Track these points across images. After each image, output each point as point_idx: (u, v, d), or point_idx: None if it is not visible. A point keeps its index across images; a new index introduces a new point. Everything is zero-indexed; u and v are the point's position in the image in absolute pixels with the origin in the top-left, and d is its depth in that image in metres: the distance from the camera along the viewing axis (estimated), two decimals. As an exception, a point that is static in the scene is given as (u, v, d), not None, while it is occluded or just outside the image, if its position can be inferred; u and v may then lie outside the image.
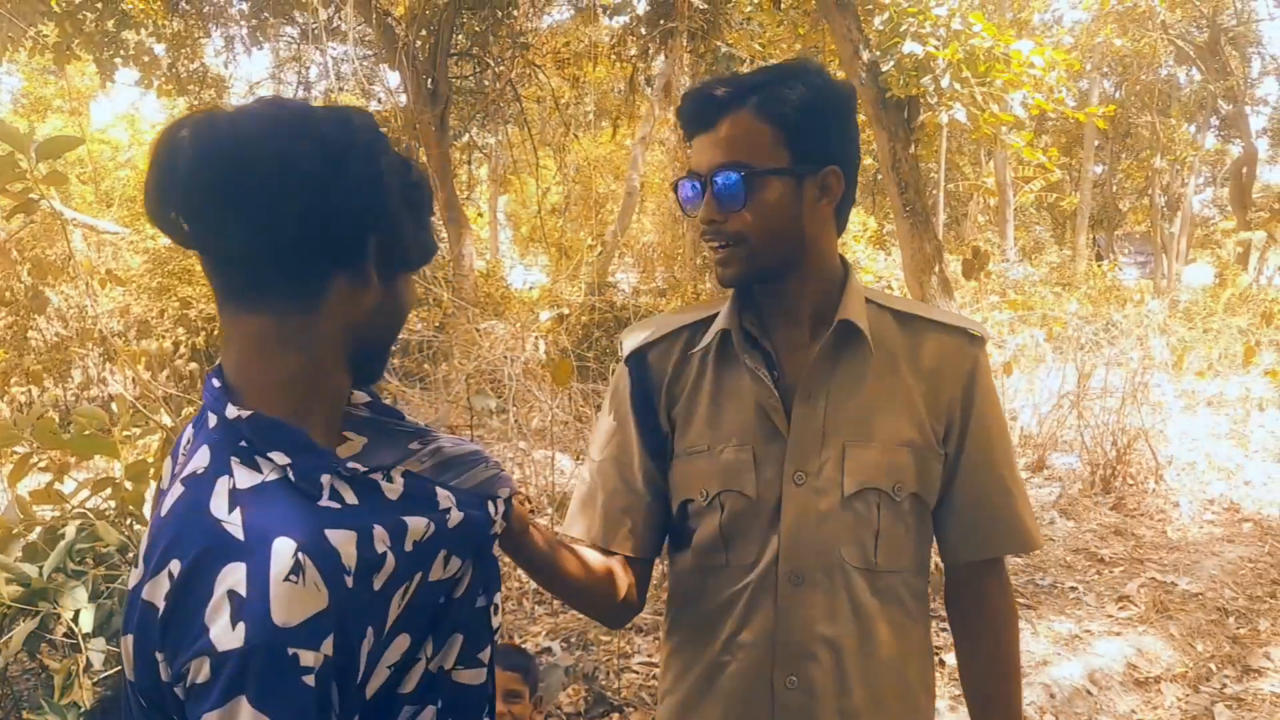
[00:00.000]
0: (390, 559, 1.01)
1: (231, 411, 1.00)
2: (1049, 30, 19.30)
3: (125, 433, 2.71)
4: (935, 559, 1.63)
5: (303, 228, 0.98)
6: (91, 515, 2.81)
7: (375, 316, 1.07)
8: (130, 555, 2.85)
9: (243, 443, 0.99)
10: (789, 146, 1.38)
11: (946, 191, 19.01)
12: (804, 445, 1.43)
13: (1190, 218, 28.48)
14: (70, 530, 2.73)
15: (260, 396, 1.02)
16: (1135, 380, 7.80)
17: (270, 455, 0.99)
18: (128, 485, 2.93)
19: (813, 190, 1.41)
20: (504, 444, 5.85)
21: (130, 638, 0.98)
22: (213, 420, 1.02)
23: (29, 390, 8.38)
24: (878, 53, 7.30)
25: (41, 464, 3.18)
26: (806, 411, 1.44)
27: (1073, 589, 5.27)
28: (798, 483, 1.43)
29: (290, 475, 0.98)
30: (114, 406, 3.12)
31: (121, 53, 11.54)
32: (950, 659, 3.88)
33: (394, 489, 1.07)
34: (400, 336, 1.19)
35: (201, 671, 0.89)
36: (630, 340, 1.58)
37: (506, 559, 1.37)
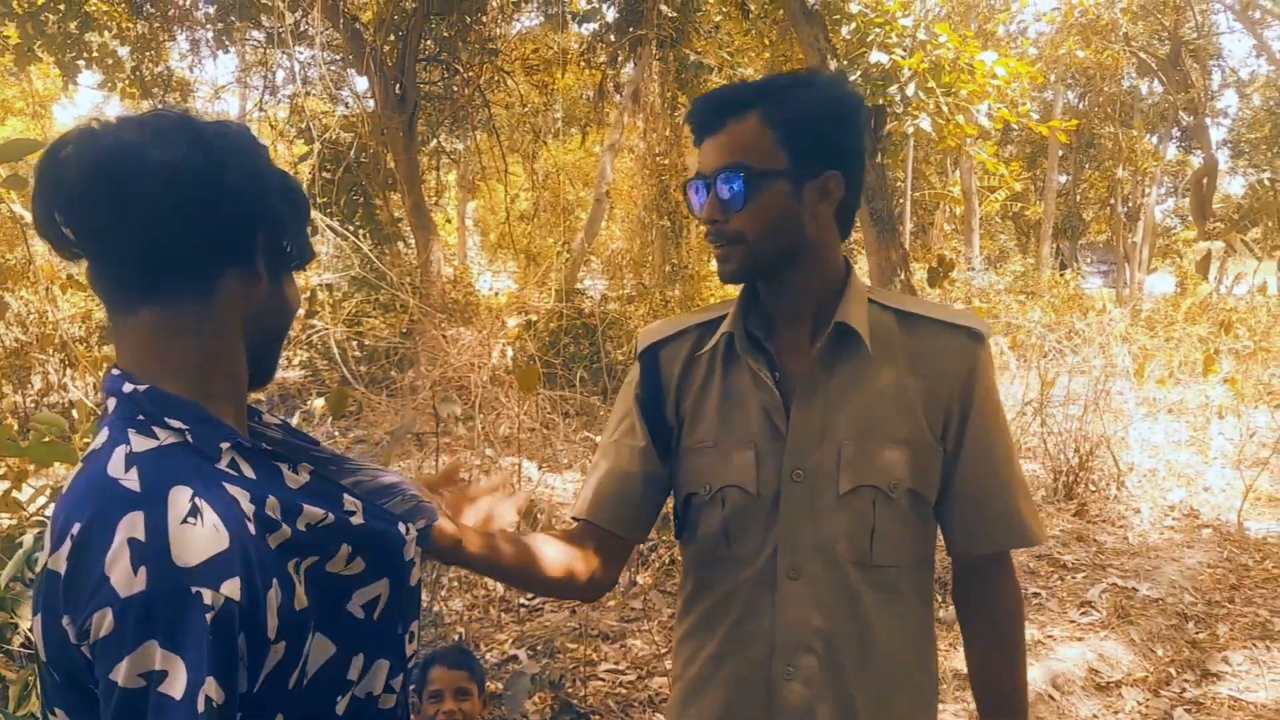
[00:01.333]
0: (285, 527, 1.03)
1: (128, 387, 1.03)
2: (1014, 42, 19.51)
3: (86, 439, 2.67)
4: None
5: (192, 225, 1.02)
6: (50, 523, 2.77)
7: (267, 311, 1.12)
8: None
9: (140, 416, 1.02)
10: (789, 150, 1.43)
11: (913, 200, 19.17)
12: (802, 444, 1.48)
13: (1152, 227, 28.89)
14: (28, 539, 2.69)
15: (158, 380, 1.05)
16: (1097, 388, 7.90)
17: (167, 422, 1.02)
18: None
19: (813, 193, 1.46)
20: (470, 451, 5.83)
21: (39, 617, 0.98)
22: (111, 404, 1.05)
23: (-13, 396, 8.24)
24: (845, 62, 7.36)
25: (-1, 471, 3.14)
26: (805, 411, 1.49)
27: (1035, 595, 5.33)
28: (796, 480, 1.48)
29: (188, 439, 1.01)
30: (74, 413, 3.09)
31: (85, 55, 11.41)
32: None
33: (296, 479, 1.10)
34: (367, 343, 1.24)
35: (105, 623, 0.90)
36: (645, 338, 1.65)
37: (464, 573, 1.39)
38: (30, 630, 1.05)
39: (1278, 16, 23.73)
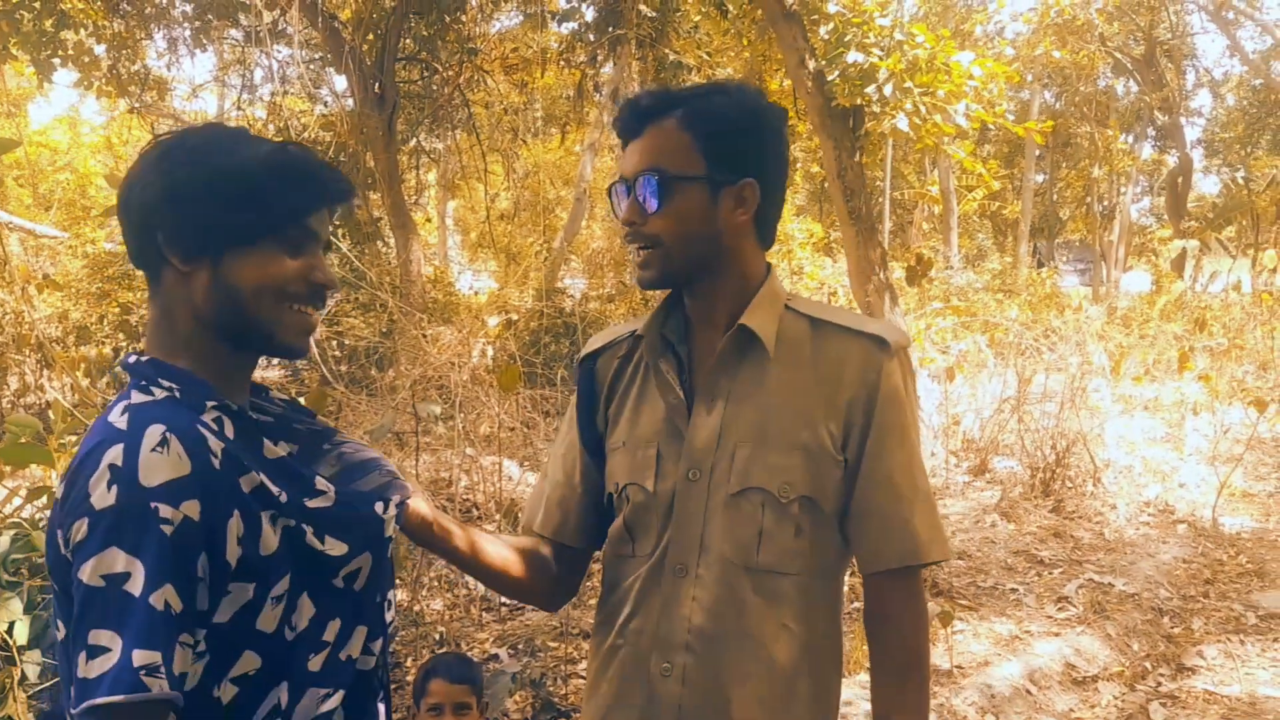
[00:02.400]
0: (254, 473, 1.18)
1: (133, 359, 1.22)
2: (991, 42, 19.62)
3: (61, 441, 2.66)
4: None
5: (129, 239, 1.24)
6: (26, 525, 2.76)
7: (213, 295, 1.21)
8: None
9: (142, 380, 1.20)
10: (706, 156, 1.46)
11: (892, 199, 19.26)
12: (700, 445, 1.49)
13: (1128, 226, 29.11)
14: (4, 540, 2.68)
15: (157, 354, 1.24)
16: (1074, 385, 7.96)
17: (160, 382, 1.19)
18: (64, 494, 2.87)
19: (729, 200, 1.48)
20: (451, 450, 5.82)
21: (47, 537, 1.15)
22: (125, 376, 1.23)
23: (-38, 398, 8.16)
24: (823, 62, 7.38)
25: (-26, 473, 3.11)
26: (704, 413, 1.50)
27: (1013, 590, 5.37)
28: (692, 479, 1.49)
29: (176, 395, 1.19)
30: (50, 414, 3.06)
31: (60, 53, 11.29)
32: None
33: (274, 451, 1.23)
34: (346, 342, 1.31)
35: (80, 530, 1.07)
36: (587, 347, 1.68)
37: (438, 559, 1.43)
38: (8, 634, 1.18)
39: (1250, 17, 23.94)
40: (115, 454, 1.09)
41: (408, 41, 12.63)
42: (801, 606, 1.49)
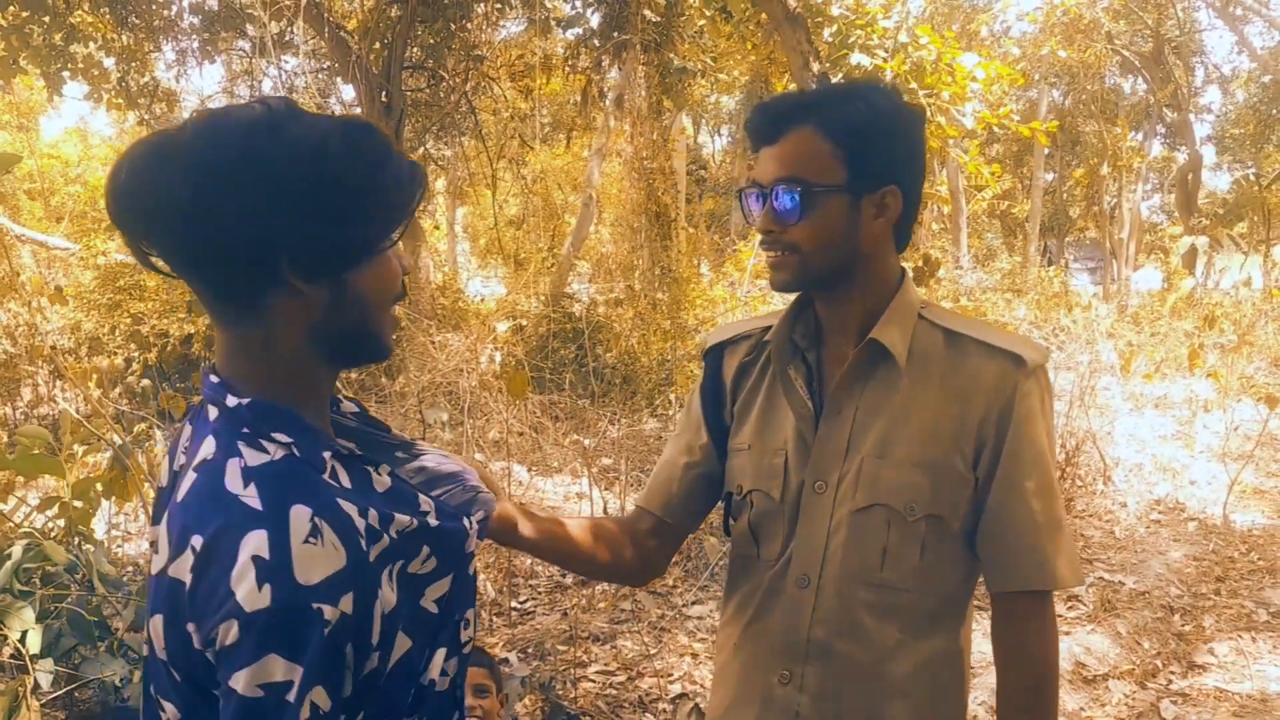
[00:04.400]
0: (385, 538, 1.09)
1: (231, 401, 1.08)
2: (998, 42, 19.61)
3: (70, 452, 2.69)
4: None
5: (212, 264, 1.05)
6: (38, 535, 2.79)
7: (335, 316, 1.10)
8: (79, 575, 2.83)
9: (245, 429, 1.07)
10: (847, 165, 1.42)
11: (900, 200, 19.17)
12: (827, 457, 1.49)
13: (1138, 223, 29.01)
14: (16, 550, 2.71)
15: (251, 390, 1.09)
16: (1084, 384, 7.94)
17: (274, 436, 1.06)
18: (76, 504, 2.91)
19: (870, 208, 1.45)
20: (459, 456, 5.84)
21: (159, 617, 1.04)
22: (213, 412, 1.10)
23: (-24, 410, 8.23)
24: (827, 65, 7.40)
25: (-13, 484, 3.15)
26: (832, 425, 1.50)
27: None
28: (818, 491, 1.49)
29: (295, 452, 1.06)
30: (61, 424, 3.10)
31: (70, 66, 11.39)
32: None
33: (382, 482, 1.15)
34: None
35: (230, 633, 0.96)
36: (711, 338, 1.70)
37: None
38: (20, 643, 1.10)
39: (1258, 13, 23.87)
40: (258, 544, 0.97)
41: (414, 50, 12.70)
42: (923, 623, 1.48)
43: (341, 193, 1.06)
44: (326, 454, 1.09)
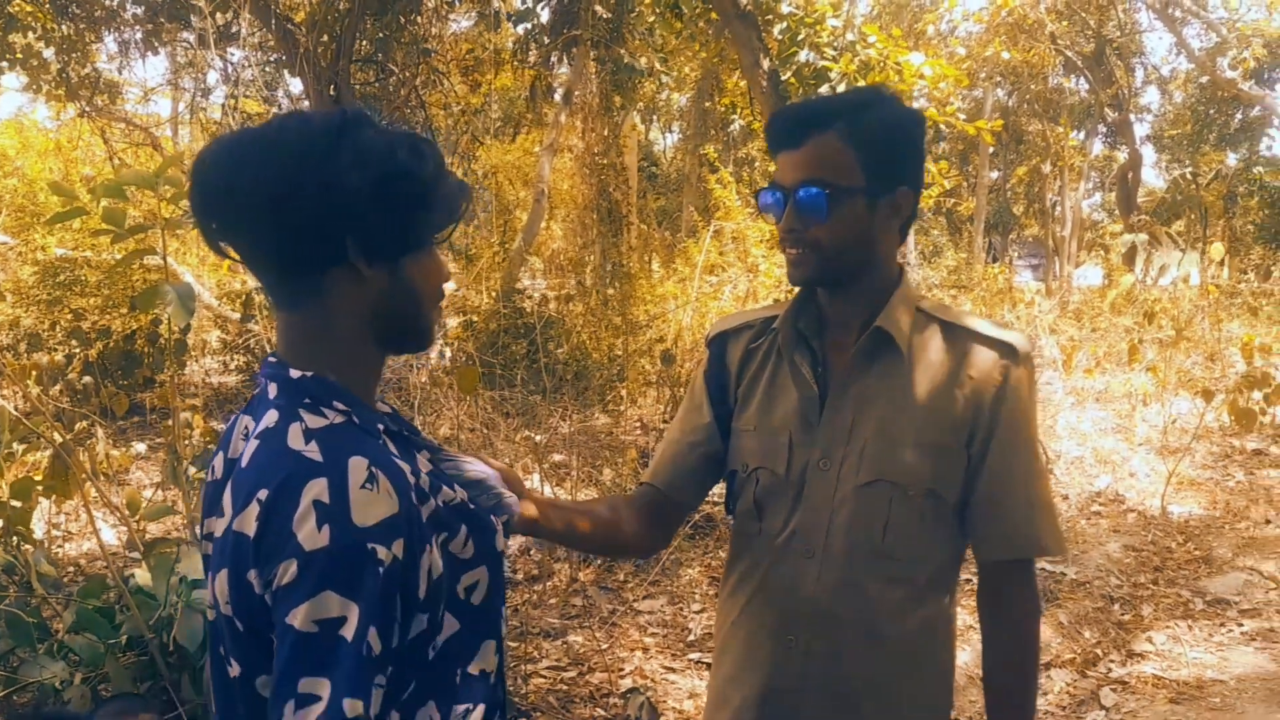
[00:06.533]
0: (433, 500, 1.18)
1: (294, 373, 1.17)
2: (944, 41, 19.84)
3: (8, 450, 2.64)
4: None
5: (288, 240, 1.14)
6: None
7: (388, 300, 1.20)
8: (16, 575, 2.78)
9: (307, 399, 1.15)
10: (867, 169, 1.53)
11: (849, 197, 19.31)
12: (832, 437, 1.60)
13: (1080, 221, 29.55)
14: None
15: (315, 369, 1.18)
16: (1027, 379, 8.06)
17: (334, 404, 1.15)
18: (14, 504, 2.85)
19: (885, 209, 1.57)
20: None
21: (224, 572, 1.11)
22: (273, 389, 1.18)
23: (-91, 408, 8.00)
24: (777, 61, 7.45)
25: (-77, 483, 3.08)
26: (837, 407, 1.61)
27: (967, 581, 5.43)
28: (822, 468, 1.60)
29: (354, 419, 1.16)
30: None
31: (8, 56, 11.12)
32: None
33: (424, 464, 1.24)
34: None
35: (290, 572, 1.03)
36: (715, 327, 1.82)
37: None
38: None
39: (1196, 15, 24.39)
40: (319, 490, 1.05)
41: (363, 43, 12.56)
42: (920, 589, 1.60)
43: (405, 186, 1.16)
44: (380, 425, 1.19)
